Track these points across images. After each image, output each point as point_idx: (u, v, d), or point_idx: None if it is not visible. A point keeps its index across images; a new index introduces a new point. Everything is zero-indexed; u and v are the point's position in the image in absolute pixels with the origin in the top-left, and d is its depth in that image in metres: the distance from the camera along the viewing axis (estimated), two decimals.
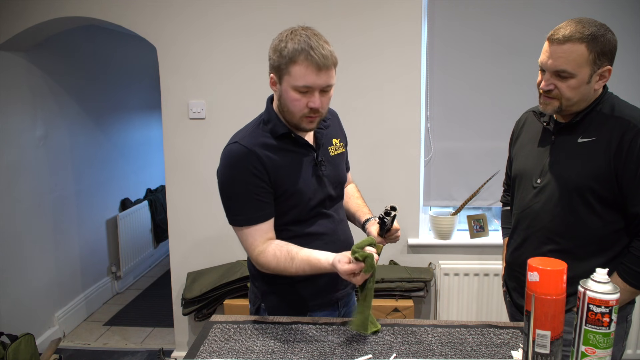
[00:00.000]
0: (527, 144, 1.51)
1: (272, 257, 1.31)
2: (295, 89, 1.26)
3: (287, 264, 1.30)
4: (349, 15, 2.53)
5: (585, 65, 1.27)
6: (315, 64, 1.22)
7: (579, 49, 1.26)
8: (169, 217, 2.78)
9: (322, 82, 1.25)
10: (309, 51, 1.22)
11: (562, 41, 1.27)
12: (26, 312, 2.94)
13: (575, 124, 1.37)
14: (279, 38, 1.27)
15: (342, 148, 1.52)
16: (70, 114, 3.38)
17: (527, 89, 2.50)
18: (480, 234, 2.68)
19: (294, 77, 1.24)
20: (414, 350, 1.20)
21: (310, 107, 1.28)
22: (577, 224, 1.35)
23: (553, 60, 1.29)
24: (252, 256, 1.36)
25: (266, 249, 1.32)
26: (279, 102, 1.32)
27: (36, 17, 2.62)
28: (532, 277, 0.97)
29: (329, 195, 1.42)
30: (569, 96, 1.31)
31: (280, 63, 1.25)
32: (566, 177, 1.35)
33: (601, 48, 1.27)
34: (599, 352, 0.97)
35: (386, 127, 2.61)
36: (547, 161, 1.40)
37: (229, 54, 2.61)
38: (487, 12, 2.52)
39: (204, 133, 2.67)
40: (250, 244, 1.34)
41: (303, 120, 1.31)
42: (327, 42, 1.27)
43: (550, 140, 1.42)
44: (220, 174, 1.34)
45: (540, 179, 1.41)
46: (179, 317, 2.82)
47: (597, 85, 1.32)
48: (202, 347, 1.23)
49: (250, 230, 1.33)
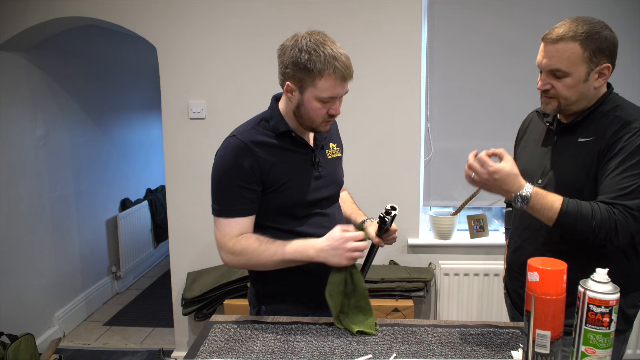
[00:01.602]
0: (531, 144, 1.51)
1: (254, 240, 1.31)
2: (319, 99, 1.28)
3: (268, 244, 1.30)
4: (349, 16, 2.53)
5: (580, 64, 1.26)
6: (342, 76, 1.25)
7: (572, 47, 1.25)
8: (169, 217, 2.78)
9: (345, 91, 1.31)
10: (334, 64, 1.24)
11: (555, 40, 1.27)
12: (26, 312, 2.94)
13: (577, 124, 1.35)
14: (297, 47, 1.25)
15: (339, 153, 1.54)
16: (70, 114, 3.38)
17: (527, 89, 2.50)
18: (480, 234, 2.68)
19: (321, 89, 1.26)
20: (414, 350, 1.20)
21: (330, 114, 1.32)
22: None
23: (547, 59, 1.29)
24: (226, 245, 1.33)
25: (247, 235, 1.33)
26: (297, 109, 1.33)
27: (36, 17, 2.62)
28: (532, 277, 0.98)
29: (326, 196, 1.44)
30: (566, 95, 1.30)
31: (304, 76, 1.26)
32: (565, 177, 1.34)
33: (597, 45, 1.25)
34: (599, 352, 0.97)
35: (386, 127, 2.61)
36: (549, 161, 1.40)
37: (229, 54, 2.61)
38: (487, 12, 2.52)
39: (204, 133, 2.67)
40: (226, 233, 1.33)
41: (321, 125, 1.35)
42: (342, 47, 1.29)
43: (552, 140, 1.42)
44: (215, 163, 1.36)
45: (542, 179, 1.40)
46: (179, 317, 2.82)
47: (597, 84, 1.30)
48: (202, 347, 1.23)
49: (229, 221, 1.33)
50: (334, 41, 1.28)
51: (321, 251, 1.26)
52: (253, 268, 1.38)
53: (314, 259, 1.28)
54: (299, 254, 1.28)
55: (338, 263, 1.26)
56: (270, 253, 1.29)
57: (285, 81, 1.31)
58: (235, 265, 1.36)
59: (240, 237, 1.33)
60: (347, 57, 1.27)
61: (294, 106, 1.33)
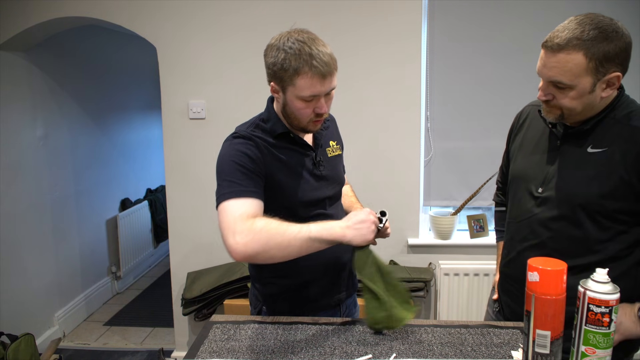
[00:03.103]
0: (528, 144, 1.37)
1: (272, 220, 1.18)
2: (301, 98, 1.25)
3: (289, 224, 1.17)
4: (349, 14, 2.53)
5: (584, 75, 1.12)
6: (320, 73, 1.21)
7: (574, 58, 1.11)
8: (169, 217, 2.78)
9: (327, 89, 1.26)
10: (311, 62, 1.20)
11: (555, 50, 1.13)
12: (26, 312, 2.94)
13: (586, 132, 1.22)
14: (276, 47, 1.24)
15: (339, 150, 1.52)
16: (70, 114, 3.38)
17: (528, 88, 2.49)
18: (480, 234, 2.68)
19: (299, 88, 1.23)
20: (414, 350, 1.20)
21: (317, 113, 1.29)
22: (582, 242, 1.23)
23: (547, 70, 1.17)
24: (242, 226, 1.14)
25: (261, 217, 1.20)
26: (284, 109, 1.32)
27: (36, 17, 2.62)
28: (532, 277, 0.97)
29: (328, 196, 1.42)
30: (569, 107, 1.18)
31: (283, 75, 1.23)
32: (572, 190, 1.22)
33: (604, 54, 1.10)
34: (599, 352, 0.97)
35: (386, 127, 2.61)
36: (551, 169, 1.27)
37: (229, 54, 2.61)
38: (487, 10, 2.51)
39: (204, 133, 2.67)
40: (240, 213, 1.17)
41: (310, 124, 1.32)
42: (325, 45, 1.25)
43: (555, 145, 1.28)
44: (220, 155, 1.32)
45: (542, 188, 1.28)
46: (179, 317, 2.82)
47: (605, 93, 1.16)
48: (202, 347, 1.23)
49: (242, 201, 1.21)
50: (315, 38, 1.24)
51: (347, 228, 1.20)
52: (270, 253, 1.16)
53: (340, 237, 1.20)
54: (326, 231, 1.18)
55: (365, 239, 1.22)
56: (295, 230, 1.16)
57: (270, 82, 1.30)
58: (249, 253, 1.14)
59: (255, 218, 1.18)
60: (327, 54, 1.22)
61: (281, 107, 1.33)
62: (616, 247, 1.22)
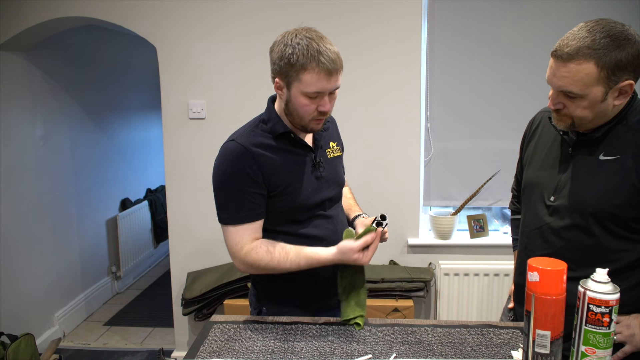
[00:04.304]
0: (541, 151, 1.35)
1: (264, 253, 1.31)
2: (305, 95, 1.26)
3: (281, 258, 1.31)
4: (349, 14, 2.53)
5: (595, 85, 1.10)
6: (326, 69, 1.22)
7: (585, 68, 1.08)
8: (169, 217, 2.78)
9: (332, 86, 1.26)
10: (318, 57, 1.21)
11: (565, 59, 1.10)
12: (26, 312, 2.94)
13: (597, 139, 1.20)
14: (283, 42, 1.25)
15: (339, 152, 1.52)
16: (70, 114, 3.38)
17: (528, 88, 2.50)
18: (480, 234, 2.68)
19: (305, 84, 1.24)
20: (414, 350, 1.20)
21: (320, 111, 1.29)
22: (596, 251, 1.20)
23: (557, 79, 1.13)
24: (239, 255, 1.33)
25: (257, 245, 1.32)
26: (286, 106, 1.32)
27: (36, 17, 2.62)
28: (532, 277, 0.97)
29: (328, 197, 1.42)
30: (580, 116, 1.15)
31: (289, 70, 1.24)
32: (584, 199, 1.20)
33: (616, 62, 1.07)
34: (599, 352, 0.97)
35: (386, 127, 2.61)
36: (563, 177, 1.25)
37: (229, 54, 2.61)
38: (487, 12, 2.52)
39: (204, 133, 2.67)
40: (236, 242, 1.33)
41: (311, 123, 1.32)
42: (332, 44, 1.26)
43: (567, 152, 1.26)
44: (215, 170, 1.34)
45: (554, 197, 1.26)
46: (179, 317, 2.82)
47: (617, 102, 1.14)
48: (202, 347, 1.23)
49: (237, 229, 1.32)
50: (323, 37, 1.26)
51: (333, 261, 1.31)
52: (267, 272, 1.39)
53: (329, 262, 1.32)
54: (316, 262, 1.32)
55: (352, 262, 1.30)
56: (286, 267, 1.31)
57: (275, 78, 1.30)
58: (250, 272, 1.40)
59: (250, 249, 1.32)
60: (334, 52, 1.24)
61: (283, 103, 1.32)
62: (632, 256, 1.19)
